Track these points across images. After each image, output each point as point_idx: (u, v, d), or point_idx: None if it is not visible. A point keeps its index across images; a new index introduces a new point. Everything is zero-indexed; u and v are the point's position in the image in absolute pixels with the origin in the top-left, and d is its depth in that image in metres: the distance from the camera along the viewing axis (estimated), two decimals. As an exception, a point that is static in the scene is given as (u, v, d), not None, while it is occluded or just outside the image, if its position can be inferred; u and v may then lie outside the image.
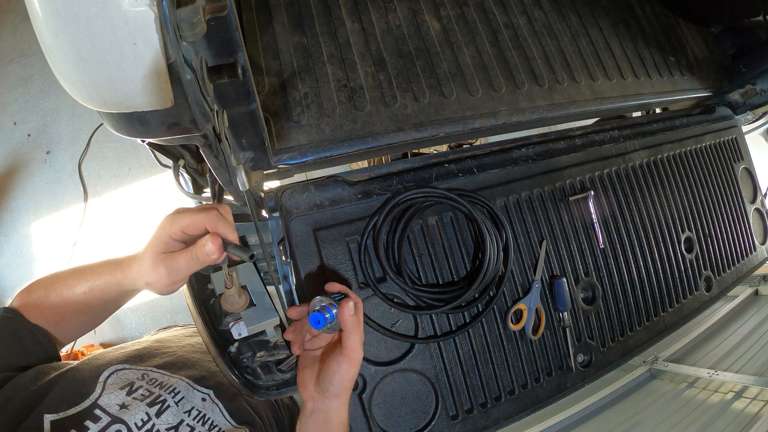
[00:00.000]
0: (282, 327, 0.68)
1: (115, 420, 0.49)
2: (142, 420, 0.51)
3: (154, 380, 0.58)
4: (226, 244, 0.49)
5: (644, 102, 0.99)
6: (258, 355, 0.67)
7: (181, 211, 0.50)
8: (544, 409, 0.80)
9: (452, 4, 0.89)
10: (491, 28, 0.89)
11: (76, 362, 0.57)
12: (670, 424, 1.08)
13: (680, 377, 1.25)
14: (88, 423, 0.48)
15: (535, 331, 0.80)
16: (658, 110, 1.27)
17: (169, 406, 0.55)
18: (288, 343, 0.67)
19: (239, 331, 0.60)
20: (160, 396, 0.56)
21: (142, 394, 0.55)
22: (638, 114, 1.20)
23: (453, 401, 0.74)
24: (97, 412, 0.49)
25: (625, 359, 0.88)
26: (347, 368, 0.53)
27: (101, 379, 0.54)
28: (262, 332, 0.64)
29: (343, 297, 0.55)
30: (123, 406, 0.52)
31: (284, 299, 0.68)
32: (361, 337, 0.55)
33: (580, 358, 0.84)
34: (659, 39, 1.06)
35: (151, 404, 0.54)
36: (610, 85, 0.95)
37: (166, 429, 0.53)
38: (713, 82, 1.11)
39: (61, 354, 0.60)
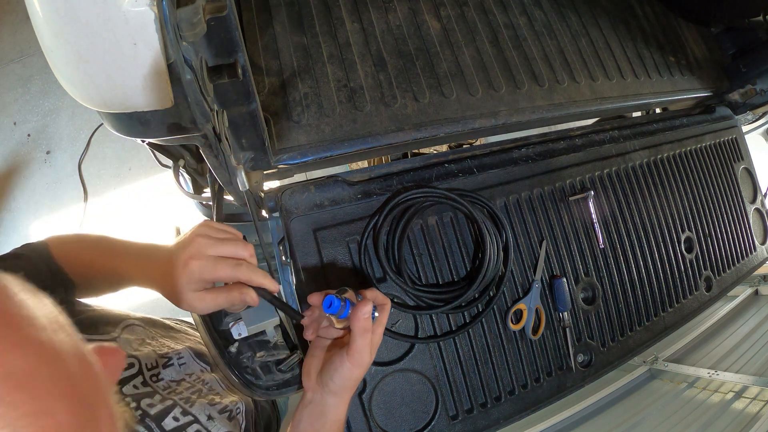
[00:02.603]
0: (282, 327, 0.68)
1: (130, 356, 0.54)
2: (151, 364, 0.56)
3: (163, 343, 0.63)
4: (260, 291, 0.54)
5: (644, 102, 0.99)
6: (258, 355, 0.67)
7: (218, 262, 0.51)
8: (544, 409, 0.80)
9: (452, 4, 0.89)
10: (491, 28, 0.89)
11: (94, 306, 0.60)
12: (670, 424, 1.08)
13: (680, 377, 1.25)
14: None
15: (535, 331, 0.80)
16: (658, 110, 1.26)
17: (173, 365, 0.60)
18: (296, 337, 0.67)
19: (239, 331, 0.60)
20: (167, 353, 0.60)
21: (153, 347, 0.59)
22: (638, 114, 1.20)
23: (453, 401, 0.74)
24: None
25: (625, 359, 0.88)
26: (350, 368, 0.53)
27: (121, 326, 0.58)
28: (262, 332, 0.64)
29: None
30: (136, 350, 0.56)
31: (284, 299, 0.68)
32: (372, 342, 0.54)
33: (580, 358, 0.84)
34: (659, 39, 1.06)
35: (159, 357, 0.58)
36: (610, 85, 0.95)
37: (169, 380, 0.57)
38: (713, 82, 1.11)
39: None
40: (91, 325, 0.53)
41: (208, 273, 0.50)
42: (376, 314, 0.55)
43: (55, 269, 0.55)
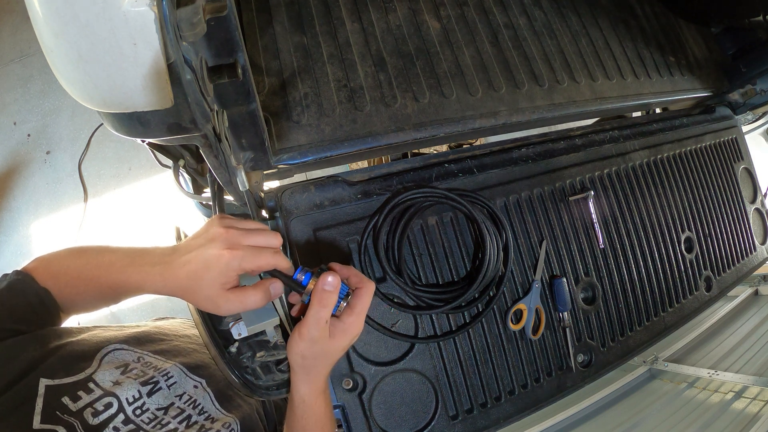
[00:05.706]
0: (282, 327, 0.67)
1: (108, 394, 0.51)
2: (133, 396, 0.53)
3: (148, 363, 0.59)
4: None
5: (644, 102, 0.99)
6: (258, 355, 0.67)
7: (257, 251, 0.49)
8: (544, 409, 0.80)
9: (452, 4, 0.89)
10: (491, 28, 0.89)
11: (76, 333, 0.57)
12: (670, 424, 1.08)
13: (680, 377, 1.25)
14: (81, 393, 0.49)
15: (535, 331, 0.80)
16: (658, 110, 1.27)
17: (160, 389, 0.57)
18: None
19: (239, 331, 0.60)
20: (153, 377, 0.57)
21: (135, 374, 0.56)
22: (638, 114, 1.20)
23: (453, 401, 0.74)
24: (91, 385, 0.51)
25: (625, 359, 0.88)
26: (297, 339, 0.51)
27: (98, 356, 0.55)
28: (262, 332, 0.64)
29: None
30: (116, 383, 0.53)
31: (284, 299, 0.68)
32: (339, 327, 0.52)
33: (580, 358, 0.84)
34: (659, 39, 1.06)
35: (143, 384, 0.55)
36: (610, 85, 0.95)
37: (156, 408, 0.54)
38: (713, 82, 1.11)
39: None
40: (64, 365, 0.50)
41: (248, 262, 0.48)
42: (343, 303, 0.52)
43: (36, 299, 0.52)
